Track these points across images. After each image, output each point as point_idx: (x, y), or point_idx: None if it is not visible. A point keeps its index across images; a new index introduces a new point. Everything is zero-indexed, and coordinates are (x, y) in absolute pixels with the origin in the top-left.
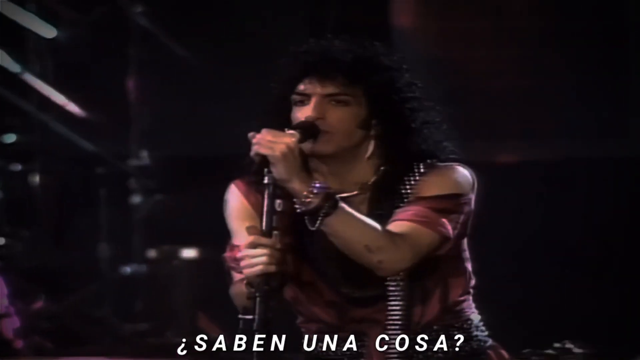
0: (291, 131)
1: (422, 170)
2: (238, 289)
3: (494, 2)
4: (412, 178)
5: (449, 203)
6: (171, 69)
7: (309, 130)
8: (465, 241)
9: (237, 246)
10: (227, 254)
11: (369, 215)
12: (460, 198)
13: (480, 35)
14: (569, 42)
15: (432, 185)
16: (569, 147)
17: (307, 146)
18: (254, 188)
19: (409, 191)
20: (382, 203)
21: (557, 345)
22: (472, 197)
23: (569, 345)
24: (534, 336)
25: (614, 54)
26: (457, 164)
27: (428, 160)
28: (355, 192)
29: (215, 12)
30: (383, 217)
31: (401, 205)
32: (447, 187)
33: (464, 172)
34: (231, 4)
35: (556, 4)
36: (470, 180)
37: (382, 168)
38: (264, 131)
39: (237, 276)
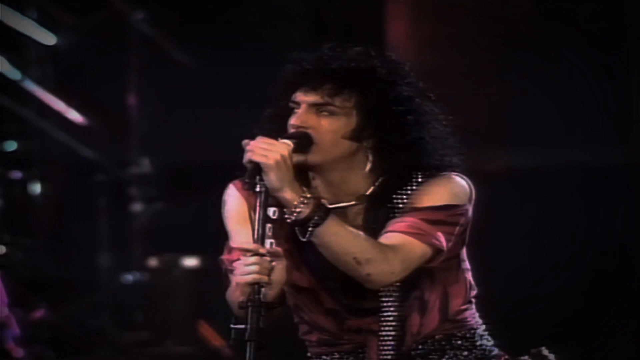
0: (285, 140)
1: (419, 180)
2: (233, 295)
3: (492, 8)
4: (409, 189)
5: (443, 214)
6: (171, 76)
7: (302, 140)
8: (464, 251)
9: (235, 248)
10: (225, 256)
11: (364, 226)
12: (455, 209)
13: (478, 41)
14: (569, 48)
15: (426, 196)
16: (571, 155)
17: (296, 157)
18: (252, 190)
19: (405, 201)
20: (379, 214)
21: (533, 351)
22: (469, 207)
23: (544, 352)
24: (537, 344)
25: (615, 60)
26: (454, 173)
27: (427, 172)
28: (352, 203)
29: (215, 18)
30: (379, 229)
31: (397, 216)
32: (441, 198)
33: (460, 182)
34: (232, 9)
35: (554, 9)
36: (467, 190)
37: (380, 179)
38: (258, 138)
39: (234, 280)
